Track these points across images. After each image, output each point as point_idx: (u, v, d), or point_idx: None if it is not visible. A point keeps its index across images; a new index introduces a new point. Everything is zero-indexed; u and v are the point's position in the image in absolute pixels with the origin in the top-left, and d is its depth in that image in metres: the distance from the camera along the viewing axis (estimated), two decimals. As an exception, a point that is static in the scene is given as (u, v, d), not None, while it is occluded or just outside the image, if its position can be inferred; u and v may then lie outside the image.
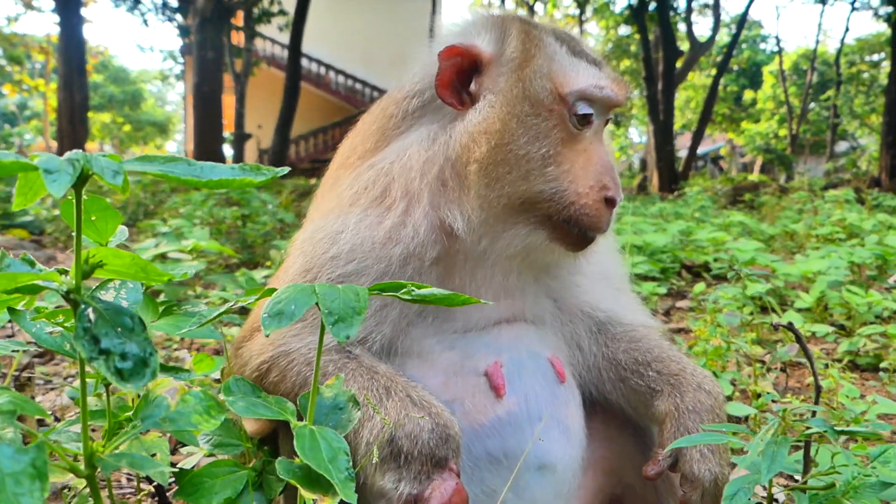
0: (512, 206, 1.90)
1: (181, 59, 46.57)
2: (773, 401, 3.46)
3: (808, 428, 1.42)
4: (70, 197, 1.82)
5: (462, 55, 1.93)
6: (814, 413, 1.54)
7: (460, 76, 1.95)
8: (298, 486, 1.31)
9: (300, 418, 1.52)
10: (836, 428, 1.36)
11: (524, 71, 1.91)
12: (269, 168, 1.02)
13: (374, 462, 1.64)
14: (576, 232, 1.93)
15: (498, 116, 1.87)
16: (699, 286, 6.10)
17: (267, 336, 1.22)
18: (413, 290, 1.37)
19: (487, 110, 1.90)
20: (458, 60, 1.93)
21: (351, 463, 1.34)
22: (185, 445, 2.63)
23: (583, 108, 1.92)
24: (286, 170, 1.09)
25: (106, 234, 2.07)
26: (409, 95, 2.05)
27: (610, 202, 1.92)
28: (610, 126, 2.14)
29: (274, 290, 1.33)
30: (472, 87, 1.95)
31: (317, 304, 1.25)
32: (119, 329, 0.97)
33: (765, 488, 1.65)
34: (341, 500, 1.34)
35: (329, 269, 1.93)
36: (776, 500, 2.77)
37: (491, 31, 1.98)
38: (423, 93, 2.03)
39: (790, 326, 1.55)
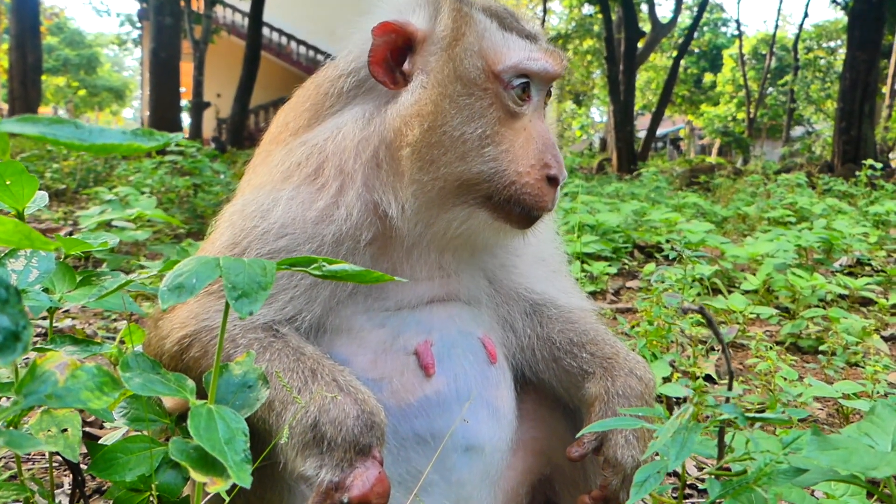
0: (449, 189, 1.85)
1: (139, 24, 45.37)
2: (709, 382, 3.48)
3: (720, 414, 1.40)
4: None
5: (396, 32, 1.86)
6: (727, 399, 1.53)
7: (394, 54, 1.88)
8: (189, 467, 1.25)
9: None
10: (746, 414, 1.35)
11: (454, 50, 1.84)
12: (162, 133, 0.96)
13: (293, 445, 1.60)
14: (518, 211, 1.88)
15: (430, 98, 1.82)
16: (650, 266, 6.13)
17: (164, 311, 1.17)
18: (324, 266, 1.31)
19: (419, 91, 1.84)
20: (392, 37, 1.86)
21: (248, 444, 1.29)
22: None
23: (519, 83, 1.86)
24: (180, 136, 1.03)
25: (23, 199, 1.99)
26: (343, 73, 1.98)
27: (553, 180, 1.87)
28: (551, 100, 2.10)
29: (177, 262, 1.27)
30: (406, 66, 1.89)
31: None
32: (-11, 301, 0.91)
33: (677, 474, 1.64)
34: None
35: (258, 244, 1.87)
36: (696, 484, 2.79)
37: (425, 8, 1.91)
38: (359, 71, 1.96)
39: (701, 310, 1.53)
